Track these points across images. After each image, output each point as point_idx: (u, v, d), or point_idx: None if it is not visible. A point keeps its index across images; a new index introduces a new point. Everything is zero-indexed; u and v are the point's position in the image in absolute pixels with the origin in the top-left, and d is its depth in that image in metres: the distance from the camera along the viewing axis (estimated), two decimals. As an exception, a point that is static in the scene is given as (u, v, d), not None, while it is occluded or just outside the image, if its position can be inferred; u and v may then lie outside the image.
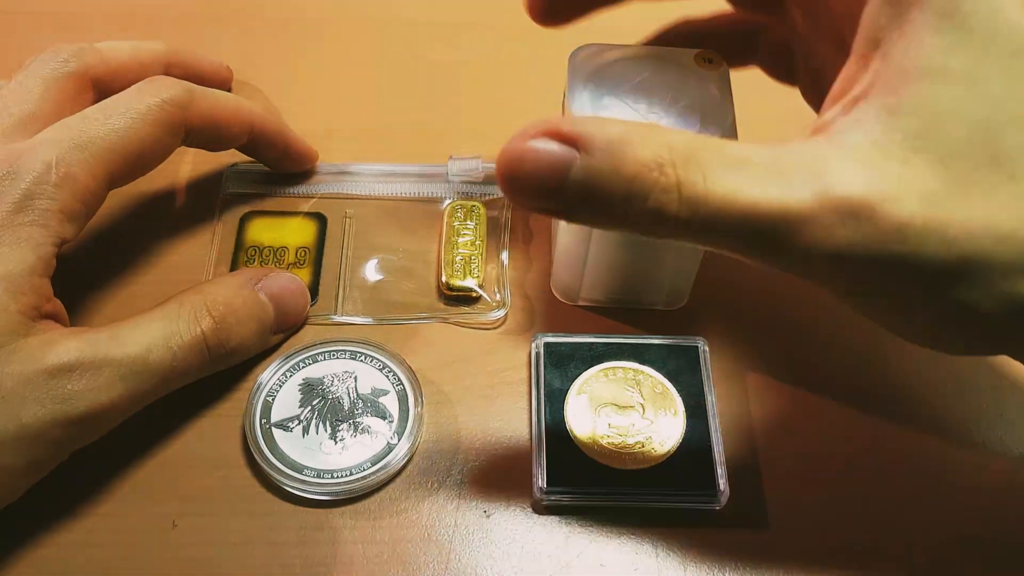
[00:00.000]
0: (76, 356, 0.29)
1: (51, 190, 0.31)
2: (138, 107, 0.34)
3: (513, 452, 0.35)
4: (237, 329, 0.34)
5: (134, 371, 0.30)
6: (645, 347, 0.36)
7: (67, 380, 0.29)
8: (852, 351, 0.38)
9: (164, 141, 0.35)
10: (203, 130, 0.36)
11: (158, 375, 0.31)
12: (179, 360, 0.32)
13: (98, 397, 0.30)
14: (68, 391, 0.29)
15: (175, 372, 0.32)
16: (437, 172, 0.42)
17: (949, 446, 0.35)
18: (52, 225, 0.31)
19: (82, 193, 0.32)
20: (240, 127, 0.38)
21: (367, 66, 0.48)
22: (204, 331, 0.32)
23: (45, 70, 0.35)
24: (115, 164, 0.33)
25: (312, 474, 0.33)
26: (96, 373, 0.30)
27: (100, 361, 0.30)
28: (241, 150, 0.40)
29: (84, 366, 0.29)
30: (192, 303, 0.33)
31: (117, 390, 0.30)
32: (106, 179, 0.33)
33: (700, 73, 0.34)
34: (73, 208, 0.32)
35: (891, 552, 0.33)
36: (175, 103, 0.34)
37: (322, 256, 0.40)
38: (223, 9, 0.50)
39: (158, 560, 0.32)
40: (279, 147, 0.40)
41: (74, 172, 0.31)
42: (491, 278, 0.39)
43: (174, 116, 0.34)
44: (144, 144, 0.34)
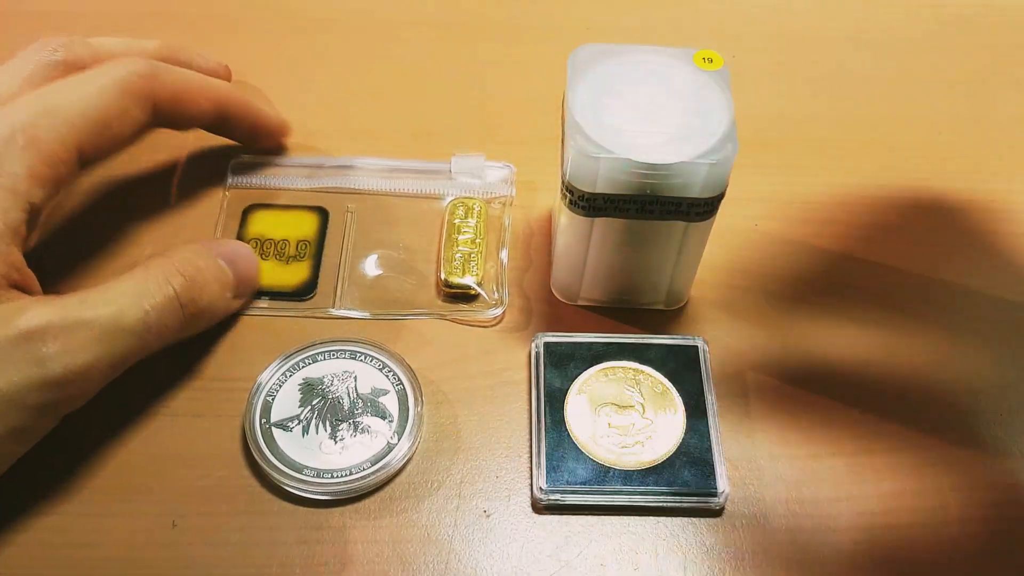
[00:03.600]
0: (48, 319, 0.29)
1: (17, 153, 0.31)
2: (103, 79, 0.34)
3: (513, 452, 0.35)
4: (205, 288, 0.34)
5: (108, 331, 0.30)
6: (645, 347, 0.36)
7: (41, 343, 0.29)
8: (852, 351, 0.38)
9: (131, 112, 0.35)
10: (170, 103, 0.36)
11: (134, 335, 0.31)
12: (153, 319, 0.32)
13: (74, 359, 0.29)
14: (43, 354, 0.29)
15: (151, 332, 0.32)
16: (439, 169, 0.42)
17: (949, 446, 0.35)
18: (20, 190, 0.31)
19: (48, 157, 0.32)
20: (207, 101, 0.38)
21: (368, 66, 0.48)
22: (176, 289, 0.33)
23: (34, 57, 0.35)
24: (83, 132, 0.33)
25: (312, 474, 0.33)
26: (70, 335, 0.29)
27: (73, 323, 0.30)
28: (211, 129, 0.40)
29: (57, 329, 0.29)
30: (160, 265, 0.33)
31: (93, 351, 0.30)
32: (75, 146, 0.33)
33: (700, 73, 0.34)
34: (41, 172, 0.32)
35: (891, 552, 0.33)
36: (140, 74, 0.35)
37: (322, 249, 0.40)
38: (224, 9, 0.50)
39: (158, 560, 0.32)
40: (248, 122, 0.41)
41: (40, 135, 0.32)
42: (490, 276, 0.39)
43: (139, 87, 0.35)
44: (111, 112, 0.34)
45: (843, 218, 0.42)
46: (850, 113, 0.47)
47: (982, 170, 0.44)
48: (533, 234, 0.41)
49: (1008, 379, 0.37)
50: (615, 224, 0.34)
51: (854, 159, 0.45)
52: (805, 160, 0.45)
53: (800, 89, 0.48)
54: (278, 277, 0.39)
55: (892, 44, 0.50)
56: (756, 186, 0.43)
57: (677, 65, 0.34)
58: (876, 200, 0.43)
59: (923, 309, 0.39)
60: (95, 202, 0.41)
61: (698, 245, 0.35)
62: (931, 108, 0.47)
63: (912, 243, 0.41)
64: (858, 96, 0.48)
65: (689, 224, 0.34)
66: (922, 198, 0.43)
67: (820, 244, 0.41)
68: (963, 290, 0.40)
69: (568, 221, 0.35)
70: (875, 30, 0.51)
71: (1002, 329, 0.39)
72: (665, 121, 0.32)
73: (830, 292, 0.39)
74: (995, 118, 0.47)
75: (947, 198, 0.43)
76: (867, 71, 0.49)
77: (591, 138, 0.31)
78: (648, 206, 0.33)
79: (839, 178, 0.44)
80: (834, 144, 0.45)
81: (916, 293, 0.40)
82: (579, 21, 0.51)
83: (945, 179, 0.44)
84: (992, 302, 0.39)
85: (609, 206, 0.33)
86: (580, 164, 0.32)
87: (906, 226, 0.42)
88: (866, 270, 0.40)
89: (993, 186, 0.44)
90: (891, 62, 0.49)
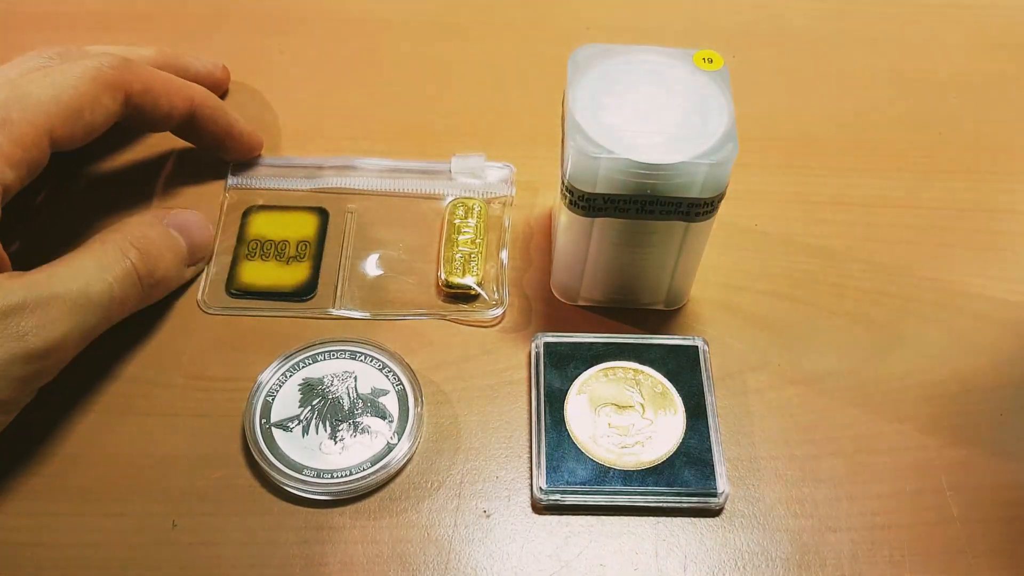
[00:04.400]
0: (23, 296, 0.30)
1: None
2: (76, 68, 0.35)
3: (513, 452, 0.35)
4: (160, 260, 0.36)
5: (79, 304, 0.32)
6: (645, 347, 0.36)
7: (20, 318, 0.30)
8: (852, 351, 0.38)
9: (103, 101, 0.35)
10: (142, 97, 0.37)
11: (101, 306, 0.33)
12: (116, 292, 0.33)
13: (51, 332, 0.31)
14: (22, 328, 0.30)
15: (114, 303, 0.33)
16: (439, 169, 0.42)
17: (949, 446, 0.35)
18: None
19: (19, 138, 0.33)
20: (181, 99, 0.39)
21: (369, 66, 0.48)
22: (133, 262, 0.34)
23: (28, 63, 0.36)
24: (54, 116, 0.34)
25: (312, 474, 0.33)
26: (45, 309, 0.31)
27: (47, 298, 0.31)
28: (181, 133, 0.41)
29: (31, 303, 0.30)
30: (114, 240, 0.34)
31: (67, 323, 0.31)
32: (46, 130, 0.33)
33: (700, 73, 0.34)
34: (12, 153, 0.32)
35: (891, 552, 0.33)
36: (113, 66, 0.36)
37: (322, 250, 0.40)
38: (222, 9, 0.50)
39: (158, 560, 0.32)
40: (220, 127, 0.41)
41: (12, 117, 0.32)
42: (490, 276, 0.39)
43: (110, 77, 0.35)
44: (83, 101, 0.34)
45: (843, 218, 0.42)
46: (850, 113, 0.47)
47: (982, 170, 0.44)
48: (533, 234, 0.41)
49: (1007, 379, 0.37)
50: (615, 224, 0.34)
51: (854, 159, 0.45)
52: (805, 160, 0.45)
53: (800, 89, 0.48)
54: (278, 277, 0.39)
55: (892, 44, 0.50)
56: (756, 186, 0.43)
57: (677, 65, 0.34)
58: (876, 200, 0.43)
59: (923, 309, 0.39)
60: (95, 203, 0.41)
61: (698, 245, 0.35)
62: (931, 108, 0.47)
63: (912, 243, 0.41)
64: (858, 96, 0.48)
65: (689, 224, 0.34)
66: (922, 198, 0.43)
67: (820, 244, 0.41)
68: (963, 290, 0.40)
69: (568, 221, 0.35)
70: (875, 30, 0.51)
71: (1001, 329, 0.39)
72: (665, 121, 0.32)
73: (830, 292, 0.39)
74: (995, 118, 0.47)
75: (947, 198, 0.43)
76: (867, 71, 0.49)
77: (591, 138, 0.31)
78: (648, 206, 0.33)
79: (839, 178, 0.44)
80: (834, 144, 0.45)
81: (916, 293, 0.40)
82: (579, 21, 0.51)
83: (945, 179, 0.44)
84: (992, 302, 0.39)
85: (609, 206, 0.33)
86: (580, 164, 0.32)
87: (906, 226, 0.42)
88: (866, 270, 0.40)
89: (993, 186, 0.44)
90: (891, 62, 0.49)
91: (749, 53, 0.49)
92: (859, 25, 0.51)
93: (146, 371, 0.36)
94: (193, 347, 0.37)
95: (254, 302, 0.38)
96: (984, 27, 0.51)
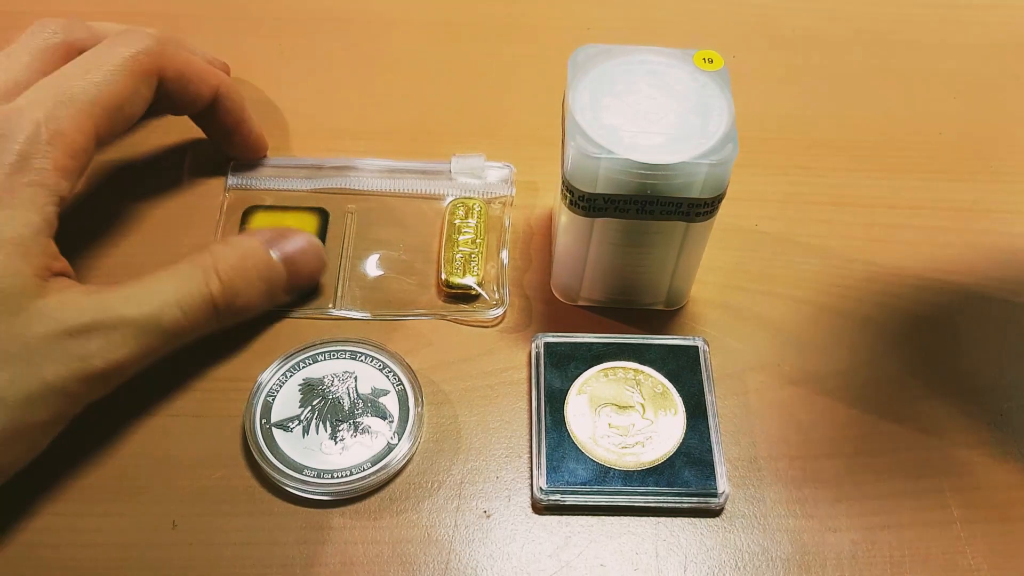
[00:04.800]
0: (92, 316, 0.30)
1: (44, 148, 0.31)
2: (113, 60, 0.34)
3: (513, 452, 0.35)
4: (245, 290, 0.35)
5: (147, 330, 0.32)
6: (645, 347, 0.36)
7: (86, 339, 0.30)
8: (852, 351, 0.38)
9: (141, 92, 0.35)
10: (174, 82, 0.37)
11: (169, 333, 0.32)
12: (188, 319, 0.33)
13: (114, 354, 0.31)
14: (86, 350, 0.30)
15: (184, 330, 0.33)
16: (439, 169, 0.42)
17: (949, 446, 0.35)
18: (50, 184, 0.32)
19: (72, 149, 0.32)
20: (207, 86, 0.39)
21: (368, 66, 0.48)
22: (213, 292, 0.34)
23: (33, 42, 0.35)
24: (99, 117, 0.33)
25: (312, 474, 0.33)
26: (111, 332, 0.31)
27: (115, 320, 0.31)
28: (198, 120, 0.40)
29: (100, 325, 0.30)
30: (203, 264, 0.34)
31: (131, 347, 0.31)
32: (93, 133, 0.33)
33: (700, 73, 0.34)
34: (66, 165, 0.32)
35: (891, 552, 0.33)
36: (148, 52, 0.35)
37: (323, 251, 0.40)
38: (222, 9, 0.50)
39: (158, 560, 0.32)
40: (236, 118, 0.41)
41: (63, 128, 0.32)
42: (490, 277, 0.39)
43: (148, 65, 0.35)
44: (124, 96, 0.34)
45: (843, 218, 0.42)
46: (850, 113, 0.47)
47: (982, 170, 0.44)
48: (533, 234, 0.41)
49: (1008, 379, 0.37)
50: (615, 224, 0.34)
51: (854, 159, 0.45)
52: (805, 160, 0.45)
53: (800, 89, 0.48)
54: (278, 277, 0.39)
55: (892, 44, 0.50)
56: (756, 186, 0.43)
57: (677, 65, 0.34)
58: (876, 200, 0.43)
59: (923, 309, 0.39)
60: (95, 205, 0.41)
61: (698, 245, 0.35)
62: (931, 108, 0.47)
63: (912, 243, 0.41)
64: (858, 96, 0.48)
65: (689, 224, 0.34)
66: (922, 198, 0.43)
67: (820, 244, 0.41)
68: (963, 290, 0.40)
69: (568, 221, 0.35)
70: (875, 30, 0.51)
71: (1002, 329, 0.39)
72: (665, 121, 0.32)
73: (830, 292, 0.39)
74: (995, 118, 0.47)
75: (947, 198, 0.43)
76: (867, 71, 0.49)
77: (591, 138, 0.31)
78: (648, 206, 0.33)
79: (839, 178, 0.44)
80: (834, 144, 0.45)
81: (916, 293, 0.40)
82: (579, 21, 0.51)
83: (945, 179, 0.44)
84: (992, 302, 0.39)
85: (609, 206, 0.33)
86: (580, 164, 0.32)
87: (906, 226, 0.42)
88: (866, 270, 0.40)
89: (993, 186, 0.44)
90: (891, 62, 0.49)
91: (749, 53, 0.49)
92: (859, 25, 0.51)
93: (146, 371, 0.36)
94: (192, 348, 0.37)
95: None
96: (985, 27, 0.51)
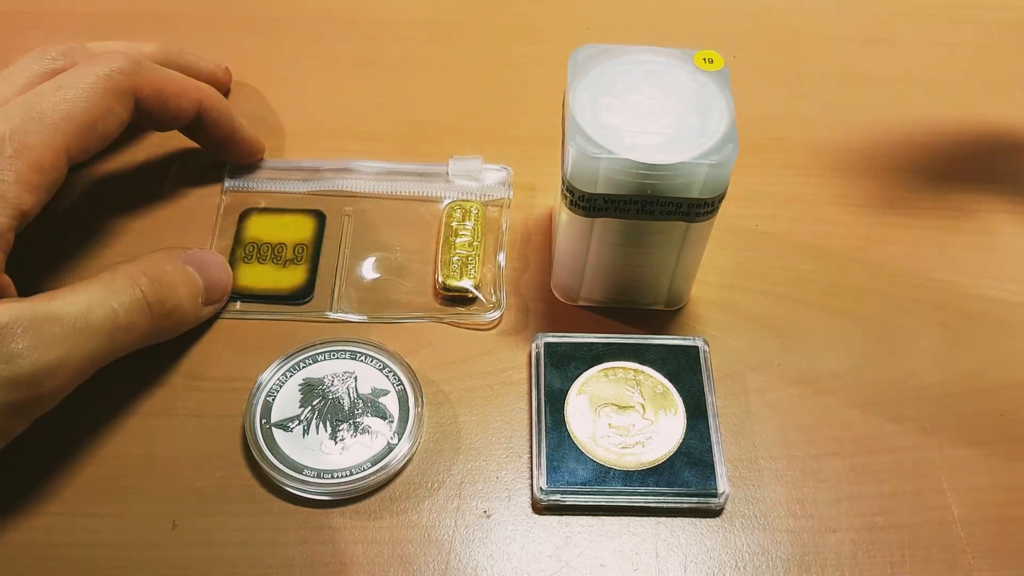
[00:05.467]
0: (15, 315, 0.29)
1: (6, 162, 0.31)
2: (87, 78, 0.34)
3: (513, 452, 0.35)
4: (172, 290, 0.34)
5: (77, 328, 0.30)
6: (645, 347, 0.36)
7: (9, 340, 0.29)
8: (852, 351, 0.38)
9: (115, 110, 0.35)
10: (152, 99, 0.37)
11: (102, 332, 0.31)
12: (121, 317, 0.32)
13: (43, 355, 0.29)
14: (10, 351, 0.28)
15: (119, 330, 0.32)
16: (437, 171, 0.42)
17: (949, 446, 0.35)
18: (9, 197, 0.31)
19: (38, 164, 0.32)
20: (189, 101, 0.38)
21: (366, 67, 0.48)
22: (143, 289, 0.33)
23: (32, 66, 0.35)
24: (70, 135, 0.33)
25: (312, 474, 0.33)
26: (38, 331, 0.29)
27: (41, 319, 0.29)
28: (187, 132, 0.40)
29: (26, 324, 0.29)
30: (125, 268, 0.33)
31: (62, 347, 0.30)
32: (63, 150, 0.33)
33: (700, 73, 0.34)
34: (30, 179, 0.32)
35: (891, 552, 0.33)
36: (123, 71, 0.35)
37: (319, 253, 0.40)
38: (223, 9, 0.50)
39: (158, 560, 0.32)
40: (225, 128, 0.40)
41: (30, 143, 0.32)
42: (488, 279, 0.39)
43: (122, 84, 0.35)
44: (96, 113, 0.34)
45: (843, 218, 0.42)
46: (850, 113, 0.47)
47: (982, 170, 0.44)
48: (531, 236, 0.41)
49: (1008, 379, 0.37)
50: (615, 224, 0.34)
51: (854, 159, 0.45)
52: (805, 160, 0.45)
53: (800, 89, 0.48)
54: (275, 281, 0.39)
55: (893, 44, 0.50)
56: (756, 186, 0.43)
57: (677, 65, 0.34)
58: (876, 200, 0.43)
59: (923, 309, 0.39)
60: (91, 208, 0.41)
61: (698, 245, 0.35)
62: (931, 108, 0.47)
63: (912, 243, 0.41)
64: (858, 96, 0.48)
65: (689, 224, 0.34)
66: (922, 198, 0.43)
67: (820, 244, 0.41)
68: (963, 290, 0.40)
69: (568, 221, 0.35)
70: (876, 30, 0.51)
71: (1002, 329, 0.39)
72: (665, 121, 0.32)
73: (830, 292, 0.39)
74: (996, 118, 0.47)
75: (947, 198, 0.43)
76: (868, 71, 0.49)
77: (591, 138, 0.31)
78: (648, 206, 0.33)
79: (839, 178, 0.44)
80: (834, 144, 0.45)
81: (916, 293, 0.40)
82: (579, 21, 0.51)
83: (945, 179, 0.44)
84: (992, 302, 0.39)
85: (609, 206, 0.33)
86: (580, 164, 0.32)
87: (906, 225, 0.42)
88: (866, 270, 0.40)
89: (992, 186, 0.44)
90: (892, 62, 0.49)
91: (749, 53, 0.49)
92: (859, 25, 0.51)
93: (146, 371, 0.36)
94: (192, 348, 0.37)
95: (251, 305, 0.38)
96: (985, 27, 0.51)
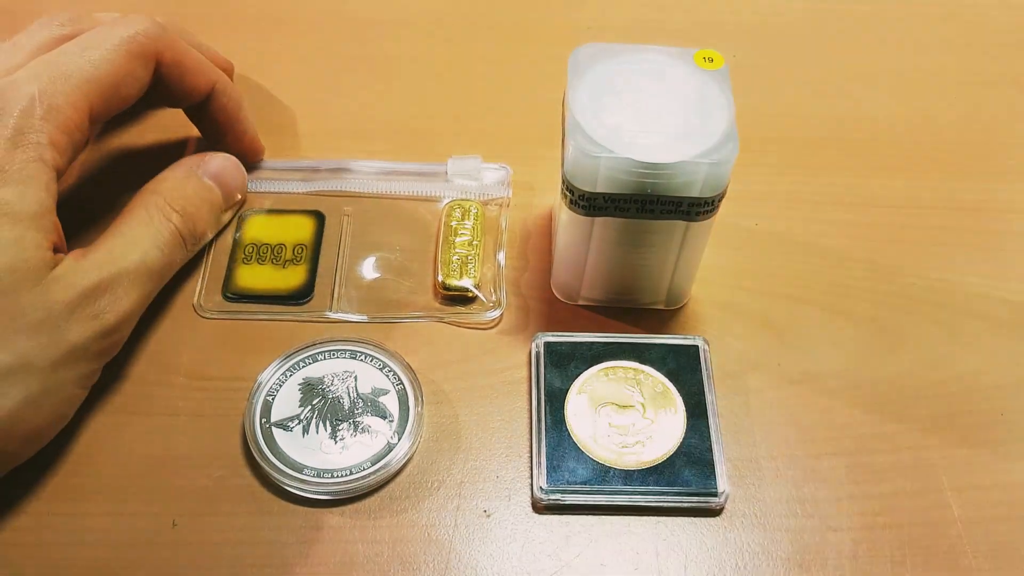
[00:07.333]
0: (97, 276, 0.32)
1: (39, 123, 0.32)
2: (112, 39, 0.34)
3: (513, 452, 0.35)
4: (198, 216, 0.37)
5: (140, 276, 0.34)
6: (645, 346, 0.36)
7: (97, 298, 0.32)
8: (852, 351, 0.38)
9: (137, 73, 0.35)
10: (172, 69, 0.37)
11: (156, 274, 0.35)
12: (167, 257, 0.35)
13: (122, 306, 0.33)
14: (99, 307, 0.32)
15: (166, 268, 0.35)
16: (436, 171, 0.42)
17: (949, 446, 0.35)
18: (48, 159, 0.32)
19: (66, 125, 0.33)
20: (205, 79, 0.39)
21: (368, 66, 0.48)
22: (177, 226, 0.36)
23: (41, 32, 0.36)
24: (94, 95, 0.34)
25: (312, 474, 0.33)
26: (115, 287, 0.33)
27: (115, 275, 0.33)
28: (193, 114, 0.40)
29: (104, 283, 0.32)
30: (156, 204, 0.36)
31: (132, 296, 0.33)
32: (87, 110, 0.33)
33: (700, 73, 0.34)
34: (60, 141, 0.33)
35: (891, 551, 0.33)
36: (147, 35, 0.35)
37: (319, 253, 0.40)
38: (223, 9, 0.50)
39: (158, 560, 0.32)
40: (232, 116, 0.40)
41: (58, 103, 0.32)
42: (487, 278, 0.39)
43: (146, 47, 0.35)
44: (119, 75, 0.34)
45: (843, 218, 0.42)
46: (850, 113, 0.47)
47: (982, 170, 0.44)
48: (531, 235, 0.41)
49: (1008, 379, 0.37)
50: (615, 224, 0.34)
51: (854, 159, 0.45)
52: (805, 160, 0.45)
53: (800, 89, 0.48)
54: (275, 281, 0.39)
55: (892, 44, 0.50)
56: (756, 186, 0.43)
57: (677, 65, 0.34)
58: (876, 200, 0.43)
59: (923, 309, 0.39)
60: (90, 203, 0.41)
61: (698, 245, 0.35)
62: (931, 108, 0.47)
63: (912, 243, 0.41)
64: (858, 96, 0.48)
65: (689, 224, 0.34)
66: (922, 198, 0.43)
67: (820, 244, 0.41)
68: (963, 290, 0.40)
69: (568, 220, 0.35)
70: (875, 30, 0.51)
71: (1002, 329, 0.39)
72: (665, 121, 0.32)
73: (830, 292, 0.39)
74: (996, 118, 0.47)
75: (947, 198, 0.43)
76: (867, 71, 0.49)
77: (591, 138, 0.31)
78: (648, 206, 0.33)
79: (839, 178, 0.44)
80: (834, 143, 0.45)
81: (916, 293, 0.40)
82: (579, 21, 0.51)
83: (944, 179, 0.44)
84: (992, 302, 0.39)
85: (609, 205, 0.33)
86: (580, 164, 0.32)
87: (906, 225, 0.42)
88: (866, 270, 0.40)
89: (993, 186, 0.44)
90: (891, 62, 0.49)
91: (749, 53, 0.49)
92: (859, 25, 0.51)
93: (146, 371, 0.36)
94: (192, 348, 0.37)
95: (250, 306, 0.38)
96: (984, 27, 0.52)
